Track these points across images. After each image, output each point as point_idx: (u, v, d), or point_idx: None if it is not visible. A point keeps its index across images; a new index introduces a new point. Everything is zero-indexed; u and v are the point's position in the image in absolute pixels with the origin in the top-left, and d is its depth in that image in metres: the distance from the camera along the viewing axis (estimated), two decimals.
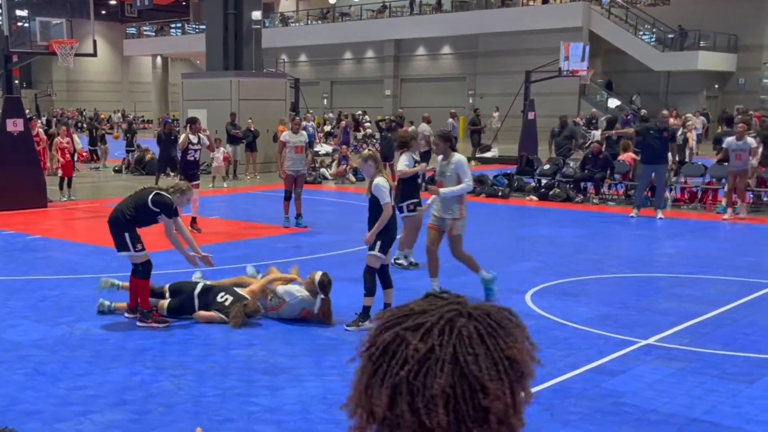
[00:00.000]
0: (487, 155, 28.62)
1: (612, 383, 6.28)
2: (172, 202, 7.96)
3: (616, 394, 6.05)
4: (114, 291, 8.48)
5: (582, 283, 9.82)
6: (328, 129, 38.44)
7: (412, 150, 10.33)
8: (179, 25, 59.40)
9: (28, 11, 18.07)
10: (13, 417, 5.52)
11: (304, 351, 7.14)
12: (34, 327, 7.78)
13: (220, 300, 8.03)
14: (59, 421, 5.49)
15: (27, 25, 18.01)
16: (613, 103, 40.31)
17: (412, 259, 10.60)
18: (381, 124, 23.06)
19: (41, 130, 21.46)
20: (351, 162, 22.60)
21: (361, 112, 41.42)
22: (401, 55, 49.05)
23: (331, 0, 51.12)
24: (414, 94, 48.09)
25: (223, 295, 8.07)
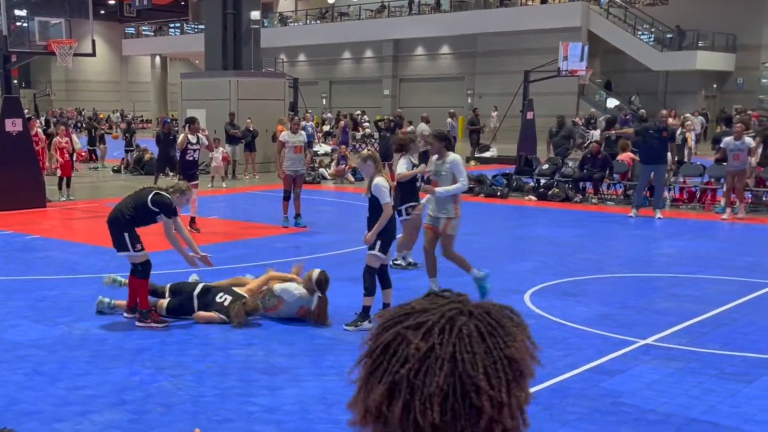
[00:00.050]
0: (486, 155, 28.62)
1: (611, 383, 6.29)
2: (172, 202, 7.97)
3: (614, 393, 6.05)
4: (116, 288, 8.48)
5: (581, 283, 9.83)
6: (327, 129, 38.45)
7: (410, 152, 10.34)
8: (178, 24, 59.41)
9: (27, 11, 18.07)
10: (12, 417, 5.52)
11: (303, 351, 7.14)
12: (33, 327, 7.78)
13: (219, 300, 8.03)
14: (58, 421, 5.49)
15: (26, 24, 18.02)
16: (611, 102, 40.35)
17: (411, 260, 10.61)
18: (380, 124, 23.04)
19: (40, 129, 21.46)
20: (350, 162, 22.60)
21: (360, 112, 41.42)
22: (400, 55, 49.07)
23: (330, 0, 51.13)
24: (413, 94, 48.11)
25: (222, 295, 8.07)
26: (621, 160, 17.90)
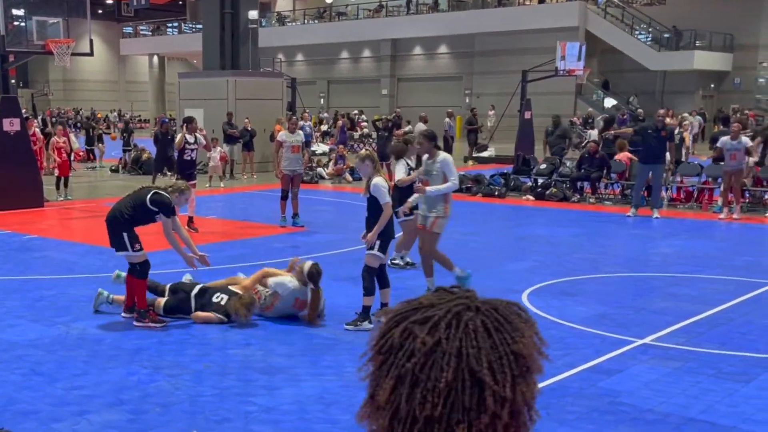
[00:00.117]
0: (484, 155, 28.62)
1: (608, 382, 6.30)
2: (171, 202, 7.97)
3: (612, 393, 6.06)
4: (120, 283, 8.47)
5: (579, 283, 9.84)
6: (324, 129, 38.45)
7: (407, 156, 10.40)
8: (176, 24, 59.38)
9: (25, 10, 18.03)
10: (10, 417, 5.52)
11: (301, 351, 7.14)
12: (30, 327, 7.78)
13: (215, 300, 8.04)
14: (56, 421, 5.48)
15: (23, 24, 17.98)
16: (609, 102, 40.37)
17: (409, 259, 10.62)
18: (378, 124, 23.04)
19: (38, 129, 21.44)
20: (348, 161, 22.60)
21: (357, 112, 41.43)
22: (398, 55, 49.09)
23: (328, 0, 51.13)
24: (411, 94, 48.12)
25: (218, 295, 8.09)
26: (618, 160, 17.91)
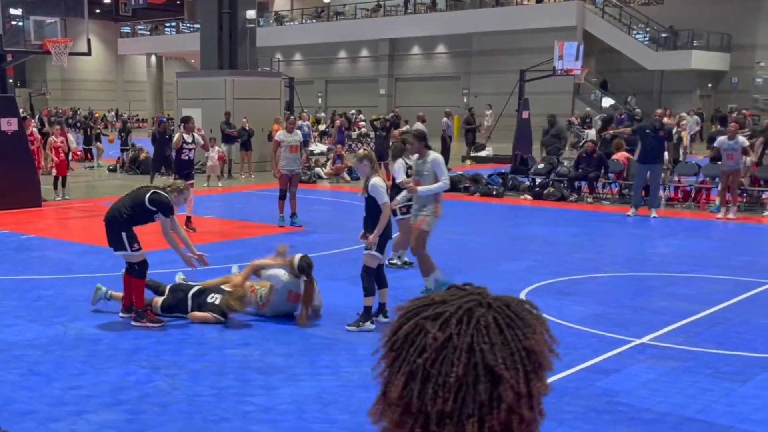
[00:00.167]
0: (482, 154, 28.63)
1: (606, 382, 6.30)
2: (170, 201, 7.97)
3: (610, 393, 6.07)
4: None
5: (576, 282, 9.85)
6: (322, 128, 38.44)
7: (405, 155, 10.41)
8: (174, 24, 59.33)
9: (22, 10, 18.02)
10: (7, 417, 5.52)
11: (299, 350, 7.14)
12: (28, 327, 7.77)
13: (210, 300, 8.05)
14: (53, 421, 5.48)
15: (21, 24, 17.97)
16: (607, 102, 40.39)
17: (406, 259, 10.62)
18: (376, 124, 23.03)
19: (35, 129, 21.42)
20: (346, 161, 22.60)
21: (354, 111, 41.42)
22: (396, 54, 49.09)
23: None
24: (408, 93, 48.13)
25: (213, 295, 8.10)
26: (616, 160, 17.93)
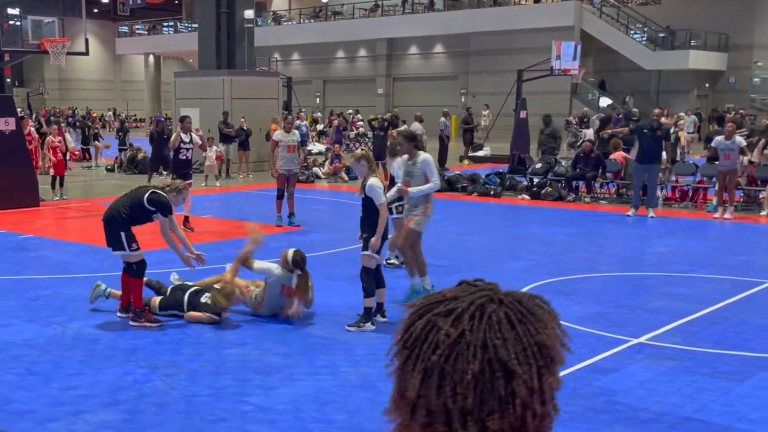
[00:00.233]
0: (479, 154, 28.65)
1: (604, 382, 6.31)
2: (168, 201, 7.97)
3: (608, 392, 6.07)
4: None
5: (574, 282, 9.85)
6: (320, 128, 38.43)
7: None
8: (172, 23, 59.26)
9: (20, 10, 18.01)
10: (5, 417, 5.51)
11: (297, 350, 7.15)
12: (26, 327, 7.77)
13: (203, 300, 8.07)
14: (51, 421, 5.48)
15: (19, 23, 17.96)
16: (604, 102, 40.41)
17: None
18: (373, 123, 23.03)
19: (33, 129, 21.40)
20: (344, 161, 22.60)
21: (352, 111, 41.41)
22: (394, 54, 49.07)
23: None
24: (406, 93, 48.12)
25: (206, 295, 8.12)
26: (614, 159, 17.94)
